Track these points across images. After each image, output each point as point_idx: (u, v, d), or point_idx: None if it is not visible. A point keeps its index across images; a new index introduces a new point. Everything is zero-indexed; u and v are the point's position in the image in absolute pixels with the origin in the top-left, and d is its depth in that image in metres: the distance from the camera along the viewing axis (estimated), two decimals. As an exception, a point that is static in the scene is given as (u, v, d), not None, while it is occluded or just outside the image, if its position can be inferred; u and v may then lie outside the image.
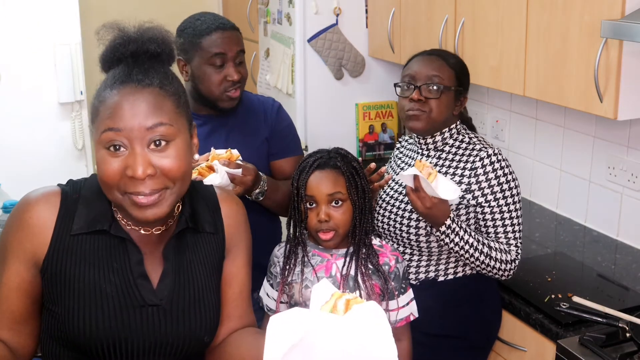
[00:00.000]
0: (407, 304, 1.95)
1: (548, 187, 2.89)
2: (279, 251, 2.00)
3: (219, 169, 1.90)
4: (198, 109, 2.15)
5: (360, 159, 3.53)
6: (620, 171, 2.53)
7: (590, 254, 2.51)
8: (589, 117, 2.61)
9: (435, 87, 2.02)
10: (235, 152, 1.98)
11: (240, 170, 1.95)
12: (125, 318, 1.33)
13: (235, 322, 1.49)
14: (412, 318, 1.96)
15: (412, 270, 2.11)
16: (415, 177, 1.88)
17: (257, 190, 2.03)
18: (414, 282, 2.10)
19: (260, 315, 2.15)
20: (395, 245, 2.14)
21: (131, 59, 1.31)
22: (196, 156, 1.96)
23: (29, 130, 3.24)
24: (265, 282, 2.04)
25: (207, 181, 1.83)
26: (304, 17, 3.37)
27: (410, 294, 1.96)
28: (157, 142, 1.27)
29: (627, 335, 1.87)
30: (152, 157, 1.27)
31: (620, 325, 1.91)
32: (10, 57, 3.17)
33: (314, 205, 1.88)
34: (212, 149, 1.98)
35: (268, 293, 2.02)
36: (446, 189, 1.87)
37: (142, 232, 1.37)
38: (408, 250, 2.12)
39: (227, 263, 1.49)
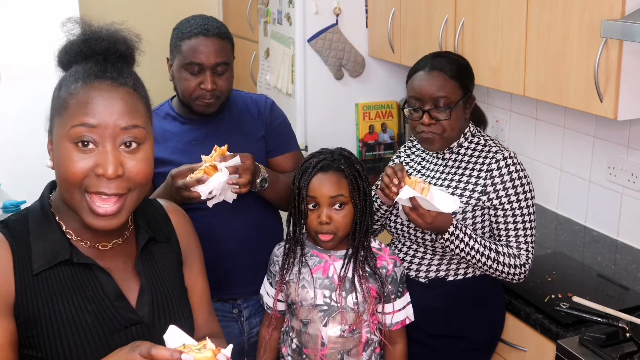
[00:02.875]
0: (403, 307, 1.95)
1: (548, 187, 2.89)
2: (278, 250, 2.00)
3: (220, 166, 1.88)
4: (188, 113, 2.12)
5: (360, 159, 3.52)
6: (620, 171, 2.53)
7: (590, 254, 2.51)
8: (589, 117, 2.61)
9: (443, 109, 1.97)
10: (221, 147, 1.94)
11: (237, 158, 1.91)
12: (111, 343, 1.28)
13: (202, 331, 1.49)
14: (407, 322, 1.96)
15: (423, 268, 2.10)
16: (412, 197, 1.85)
17: (259, 179, 2.00)
18: (423, 281, 2.09)
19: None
20: (408, 243, 2.13)
21: (102, 56, 1.29)
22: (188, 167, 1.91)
23: (29, 130, 3.23)
24: (265, 281, 2.04)
25: (213, 179, 1.83)
26: (304, 17, 3.37)
27: (406, 298, 1.96)
28: (128, 144, 1.26)
29: (627, 335, 1.87)
30: (122, 157, 1.25)
31: (620, 325, 1.91)
32: (10, 57, 3.17)
33: (315, 206, 1.88)
34: (201, 156, 1.92)
35: (268, 291, 2.02)
36: (444, 201, 1.84)
37: (101, 247, 1.33)
38: (421, 249, 2.10)
39: (185, 272, 1.49)
